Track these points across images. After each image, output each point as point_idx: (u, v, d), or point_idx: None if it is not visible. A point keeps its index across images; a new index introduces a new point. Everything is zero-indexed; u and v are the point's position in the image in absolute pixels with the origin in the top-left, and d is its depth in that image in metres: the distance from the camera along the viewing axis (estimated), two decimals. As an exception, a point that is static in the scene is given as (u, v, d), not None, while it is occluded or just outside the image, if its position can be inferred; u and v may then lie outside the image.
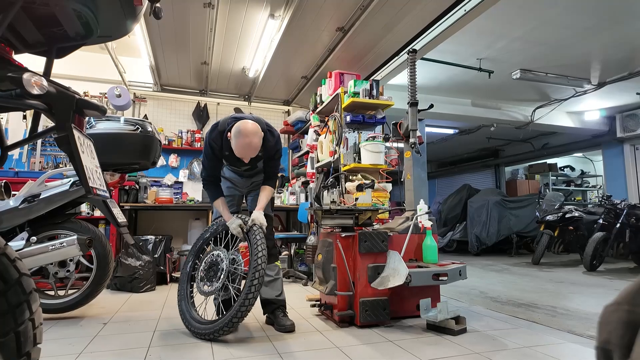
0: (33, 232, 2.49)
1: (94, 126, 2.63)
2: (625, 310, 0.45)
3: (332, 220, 2.55)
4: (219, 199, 2.40)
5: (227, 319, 2.07)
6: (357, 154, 3.59)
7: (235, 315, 2.05)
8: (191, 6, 3.42)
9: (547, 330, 2.36)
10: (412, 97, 2.82)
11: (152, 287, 3.72)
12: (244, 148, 2.20)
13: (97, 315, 2.71)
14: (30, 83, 0.98)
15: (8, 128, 4.40)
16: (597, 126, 7.38)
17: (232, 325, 2.06)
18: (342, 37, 3.86)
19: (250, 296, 2.05)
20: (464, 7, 3.20)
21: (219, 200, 2.39)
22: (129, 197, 4.33)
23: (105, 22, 1.18)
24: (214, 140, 2.34)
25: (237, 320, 2.06)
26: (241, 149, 2.21)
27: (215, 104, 5.61)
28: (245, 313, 2.06)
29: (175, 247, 4.62)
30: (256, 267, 2.10)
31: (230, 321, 2.06)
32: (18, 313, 0.80)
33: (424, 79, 5.35)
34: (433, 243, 2.62)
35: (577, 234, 5.88)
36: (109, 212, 2.42)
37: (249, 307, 2.05)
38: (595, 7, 3.74)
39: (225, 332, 2.08)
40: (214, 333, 2.09)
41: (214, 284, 2.23)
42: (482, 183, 10.42)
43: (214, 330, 2.09)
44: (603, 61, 5.00)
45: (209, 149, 2.35)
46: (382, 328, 2.37)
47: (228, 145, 2.28)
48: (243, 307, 2.04)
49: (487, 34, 4.26)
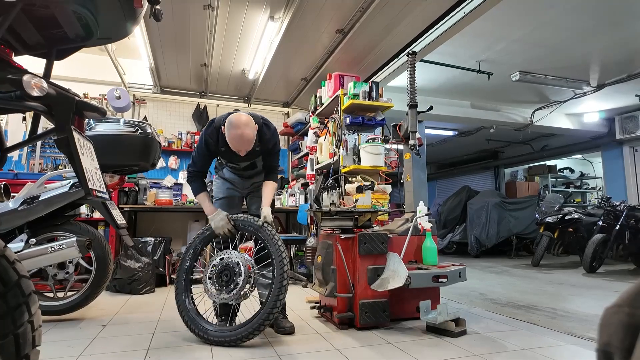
0: (32, 234, 2.48)
1: (94, 128, 2.63)
2: (626, 313, 0.44)
3: (331, 222, 2.54)
4: (203, 192, 2.39)
5: (255, 324, 2.02)
6: (357, 156, 3.59)
7: (265, 319, 2.02)
8: (191, 8, 3.43)
9: (547, 332, 2.36)
10: (412, 99, 2.82)
11: (152, 289, 3.71)
12: (237, 140, 2.17)
13: (96, 317, 2.71)
14: (30, 85, 0.98)
15: (8, 130, 4.39)
16: (596, 128, 7.39)
17: (259, 330, 2.03)
18: (342, 39, 3.87)
19: (278, 304, 2.04)
20: (463, 9, 3.21)
21: (203, 194, 2.39)
22: (129, 199, 4.32)
23: (105, 24, 1.18)
24: (209, 135, 2.32)
25: (265, 326, 2.04)
26: (234, 141, 2.18)
27: (215, 105, 5.61)
28: (273, 317, 2.04)
29: (174, 248, 4.62)
30: (282, 269, 2.09)
31: (260, 326, 2.02)
32: (17, 315, 0.80)
33: (423, 80, 5.36)
34: (433, 245, 2.62)
35: (576, 236, 5.88)
36: (108, 214, 2.42)
37: (275, 312, 2.04)
38: (594, 9, 3.75)
39: (251, 337, 2.04)
40: (239, 339, 2.04)
41: (232, 290, 2.10)
42: (481, 185, 10.42)
43: (240, 337, 2.04)
44: (602, 63, 5.01)
45: (203, 143, 2.33)
46: (382, 330, 2.36)
47: (224, 140, 2.26)
48: (271, 314, 2.02)
49: (486, 36, 4.27)
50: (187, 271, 2.31)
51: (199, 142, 2.36)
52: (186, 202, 4.82)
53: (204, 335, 2.10)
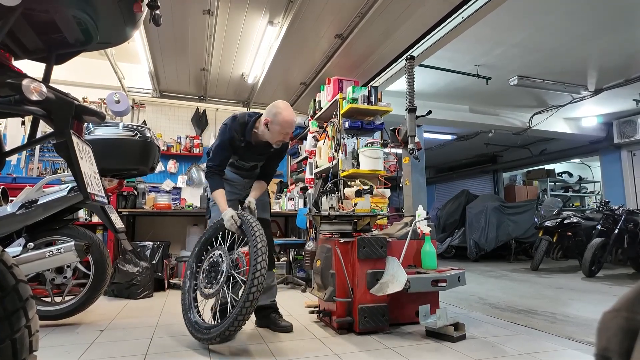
0: (30, 238, 2.47)
1: (93, 132, 2.64)
2: (624, 317, 0.44)
3: (330, 226, 2.54)
4: (220, 189, 2.33)
5: (222, 328, 1.93)
6: (356, 160, 3.59)
7: (231, 324, 1.91)
8: (191, 13, 3.44)
9: (546, 337, 2.35)
10: (411, 103, 2.83)
11: (150, 294, 3.70)
12: (291, 122, 2.30)
13: (94, 322, 2.69)
14: (29, 89, 0.98)
15: (6, 134, 4.39)
16: (594, 132, 7.42)
17: (228, 335, 1.93)
18: (341, 44, 3.88)
19: (247, 304, 1.89)
20: (462, 14, 3.23)
21: (220, 191, 2.33)
22: (127, 203, 4.32)
23: (105, 28, 1.18)
24: (235, 129, 2.34)
25: (234, 330, 1.92)
26: (288, 124, 2.29)
27: (214, 109, 5.62)
28: (242, 322, 1.91)
29: (173, 253, 4.60)
30: (256, 266, 1.93)
31: (225, 330, 1.92)
32: (14, 320, 0.80)
33: (422, 85, 5.38)
34: (432, 249, 2.61)
35: (575, 240, 5.88)
36: (106, 218, 2.41)
37: (246, 315, 1.90)
38: (591, 14, 3.78)
39: (217, 341, 1.97)
40: (209, 340, 2.00)
41: (214, 286, 2.10)
42: (480, 189, 10.44)
43: (208, 338, 1.99)
44: (600, 68, 5.04)
45: (227, 138, 2.33)
46: (381, 335, 2.36)
47: (246, 135, 2.35)
48: (240, 315, 1.90)
49: (485, 40, 4.30)
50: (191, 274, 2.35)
51: (222, 137, 2.35)
52: (185, 206, 4.81)
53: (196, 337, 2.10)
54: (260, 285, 1.93)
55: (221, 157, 2.36)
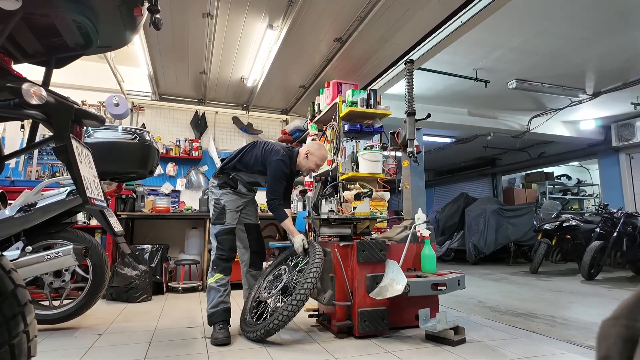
0: (29, 242, 2.46)
1: (92, 135, 2.63)
2: (623, 325, 0.44)
3: (330, 230, 2.54)
4: (289, 218, 2.61)
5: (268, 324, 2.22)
6: (355, 163, 3.59)
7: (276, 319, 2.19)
8: (190, 16, 3.45)
9: (546, 340, 2.35)
10: (410, 106, 2.84)
11: (149, 297, 3.68)
12: (323, 160, 2.79)
13: (92, 326, 2.68)
14: (29, 93, 0.98)
15: (5, 137, 4.39)
16: (592, 135, 7.44)
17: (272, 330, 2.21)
18: (340, 48, 3.89)
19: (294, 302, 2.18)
20: (460, 18, 3.24)
21: (290, 219, 2.61)
22: (126, 206, 4.30)
23: (105, 32, 1.19)
24: (288, 166, 2.65)
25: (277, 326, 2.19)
26: (322, 160, 2.77)
27: (214, 112, 5.62)
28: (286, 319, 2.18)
29: (172, 256, 4.59)
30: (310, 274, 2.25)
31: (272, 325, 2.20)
32: (12, 325, 0.79)
33: (421, 88, 5.39)
34: (431, 252, 2.61)
35: (574, 243, 5.88)
36: (105, 222, 2.41)
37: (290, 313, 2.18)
38: (589, 18, 3.80)
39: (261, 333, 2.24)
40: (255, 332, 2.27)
41: (272, 291, 2.46)
42: (479, 192, 10.45)
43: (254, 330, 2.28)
44: (598, 71, 5.06)
45: (284, 174, 2.61)
46: (381, 338, 2.35)
47: (292, 167, 2.72)
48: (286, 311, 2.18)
49: (483, 44, 4.31)
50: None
51: (280, 172, 2.58)
52: (184, 209, 4.80)
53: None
54: (306, 294, 2.22)
55: (280, 190, 2.61)
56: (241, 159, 2.68)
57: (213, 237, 2.60)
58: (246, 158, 2.68)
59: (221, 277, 2.51)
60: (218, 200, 2.62)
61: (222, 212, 2.59)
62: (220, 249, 2.55)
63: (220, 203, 2.61)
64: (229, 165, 2.69)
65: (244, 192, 2.71)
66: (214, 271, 2.53)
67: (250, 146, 2.74)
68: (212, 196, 2.68)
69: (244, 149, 2.73)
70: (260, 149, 2.68)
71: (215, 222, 2.60)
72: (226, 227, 2.57)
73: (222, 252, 2.54)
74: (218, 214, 2.60)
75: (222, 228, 2.57)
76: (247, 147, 2.74)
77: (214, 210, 2.61)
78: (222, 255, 2.54)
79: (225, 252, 2.55)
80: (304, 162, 2.72)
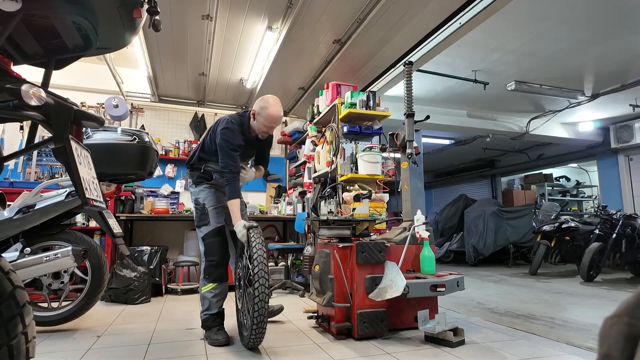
0: (27, 243, 2.46)
1: (91, 136, 2.63)
2: (625, 323, 0.44)
3: (329, 231, 2.54)
4: (238, 200, 2.30)
5: (247, 338, 2.08)
6: (354, 165, 3.59)
7: (251, 335, 2.04)
8: (190, 18, 3.45)
9: (545, 342, 2.35)
10: (409, 108, 2.84)
11: (147, 299, 3.67)
12: (278, 115, 2.39)
13: (91, 328, 2.67)
14: (28, 94, 0.98)
15: (4, 138, 4.38)
16: (591, 137, 7.45)
17: (253, 344, 2.07)
18: (339, 50, 3.90)
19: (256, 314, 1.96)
20: (459, 20, 3.25)
21: (238, 201, 2.30)
22: (125, 208, 4.30)
23: (105, 34, 1.19)
24: (237, 132, 2.37)
25: (256, 339, 2.04)
26: (276, 116, 2.38)
27: (213, 114, 5.62)
28: (260, 332, 2.01)
29: (171, 258, 4.58)
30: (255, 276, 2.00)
31: (249, 341, 2.06)
32: (11, 327, 0.79)
33: (420, 90, 5.40)
34: (431, 254, 2.61)
35: (573, 245, 5.88)
36: (104, 223, 2.40)
37: (260, 324, 1.98)
38: (588, 20, 3.81)
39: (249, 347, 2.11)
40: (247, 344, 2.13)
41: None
42: (478, 193, 10.45)
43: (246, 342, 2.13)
44: (596, 73, 5.08)
45: (232, 143, 2.31)
46: (380, 340, 2.35)
47: (245, 133, 2.44)
48: (254, 326, 1.99)
49: (482, 46, 4.33)
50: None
51: (226, 142, 2.30)
52: (183, 210, 4.79)
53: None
54: (264, 293, 1.98)
55: (232, 162, 2.30)
56: (203, 148, 2.50)
57: (201, 242, 2.41)
58: (206, 145, 2.48)
59: (214, 286, 2.32)
60: (197, 200, 2.45)
61: (203, 212, 2.41)
62: (209, 254, 2.34)
63: (200, 202, 2.43)
64: (194, 158, 2.53)
65: (218, 184, 2.50)
66: (206, 280, 2.33)
67: (206, 132, 2.55)
68: (191, 197, 2.52)
69: (203, 138, 2.54)
70: (212, 129, 2.48)
71: (199, 224, 2.41)
72: (212, 228, 2.37)
73: (212, 258, 2.33)
74: (200, 214, 2.41)
75: (208, 230, 2.37)
76: (205, 135, 2.55)
77: (196, 212, 2.43)
78: (212, 262, 2.33)
79: (215, 257, 2.33)
80: (254, 125, 2.45)
